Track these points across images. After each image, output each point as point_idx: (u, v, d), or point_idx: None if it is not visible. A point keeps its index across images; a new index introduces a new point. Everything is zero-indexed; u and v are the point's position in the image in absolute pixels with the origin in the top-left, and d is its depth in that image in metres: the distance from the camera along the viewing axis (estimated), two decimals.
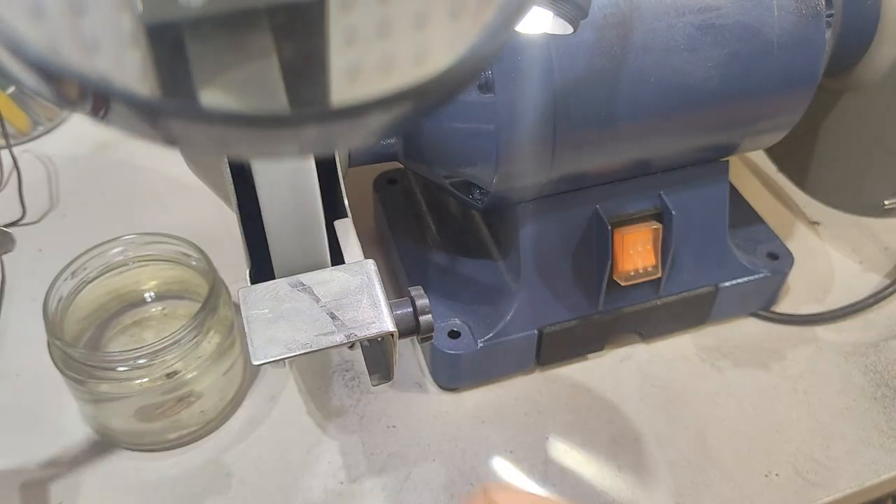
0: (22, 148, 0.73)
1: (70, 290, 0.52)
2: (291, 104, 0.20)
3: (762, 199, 0.71)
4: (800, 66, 0.49)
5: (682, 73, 0.47)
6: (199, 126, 0.19)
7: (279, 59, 0.20)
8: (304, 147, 0.22)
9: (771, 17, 0.48)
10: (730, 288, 0.57)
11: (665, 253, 0.54)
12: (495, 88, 0.44)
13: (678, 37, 0.46)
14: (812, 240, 0.68)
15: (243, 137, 0.20)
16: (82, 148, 0.74)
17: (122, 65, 0.19)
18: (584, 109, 0.46)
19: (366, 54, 0.21)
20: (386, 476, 0.50)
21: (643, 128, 0.49)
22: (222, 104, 0.19)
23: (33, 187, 0.69)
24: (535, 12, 0.37)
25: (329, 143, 0.23)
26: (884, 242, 0.68)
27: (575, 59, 0.45)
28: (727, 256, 0.57)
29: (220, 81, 0.20)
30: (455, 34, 0.21)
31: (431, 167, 0.51)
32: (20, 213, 0.67)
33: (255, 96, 0.20)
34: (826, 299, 0.63)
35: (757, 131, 0.53)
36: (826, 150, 0.63)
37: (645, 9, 0.46)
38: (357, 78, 0.20)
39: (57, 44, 0.18)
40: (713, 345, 0.59)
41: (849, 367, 0.58)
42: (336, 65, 0.20)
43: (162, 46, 0.19)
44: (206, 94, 0.19)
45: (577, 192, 0.53)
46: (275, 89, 0.20)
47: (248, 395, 0.55)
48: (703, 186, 0.55)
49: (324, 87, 0.20)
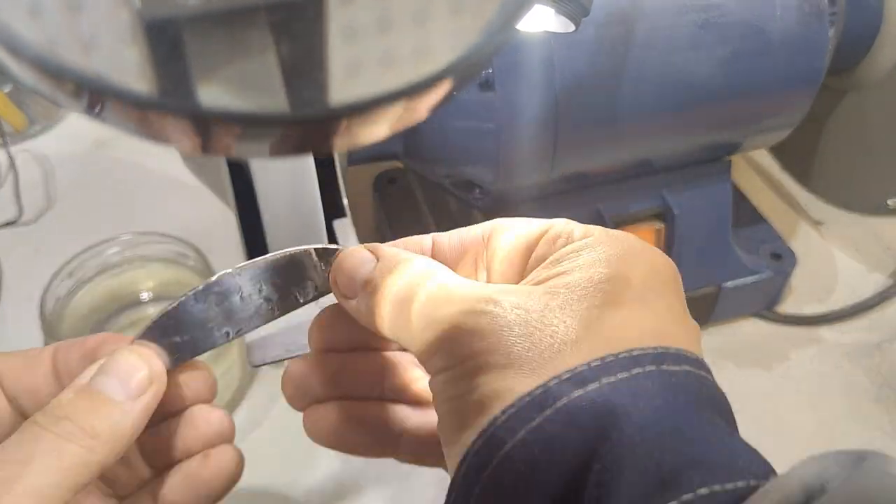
0: (19, 147, 0.72)
1: (67, 291, 0.52)
2: (290, 102, 0.19)
3: (765, 199, 0.71)
4: (802, 65, 0.49)
5: (685, 71, 0.47)
6: (197, 125, 0.18)
7: (278, 57, 0.20)
8: (302, 145, 0.21)
9: (773, 15, 0.47)
10: (732, 288, 0.57)
11: (667, 253, 0.53)
12: (496, 87, 0.44)
13: (680, 35, 0.46)
14: (815, 239, 0.67)
15: (241, 136, 0.19)
16: (79, 146, 0.74)
17: (120, 62, 0.19)
18: (585, 108, 0.46)
19: (365, 51, 0.20)
20: (385, 477, 0.50)
21: (645, 126, 0.49)
22: (220, 102, 0.19)
23: (30, 187, 0.69)
24: (536, 10, 0.36)
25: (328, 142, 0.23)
26: (887, 242, 0.67)
27: (576, 58, 0.45)
28: (730, 256, 0.57)
29: (218, 79, 0.19)
30: (456, 31, 0.21)
31: (432, 166, 0.51)
32: (17, 213, 0.66)
33: (253, 94, 0.20)
34: (829, 300, 0.62)
35: (759, 130, 0.52)
36: (830, 148, 0.62)
37: (647, 7, 0.45)
38: (357, 75, 0.20)
39: (54, 41, 0.18)
40: (715, 345, 0.59)
41: (852, 368, 0.58)
42: (335, 62, 0.20)
43: (159, 43, 0.19)
44: (203, 91, 0.19)
45: (578, 192, 0.52)
46: (273, 87, 0.20)
47: (247, 397, 0.54)
48: (705, 186, 0.55)
49: (323, 85, 0.20)
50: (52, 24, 0.18)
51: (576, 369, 0.23)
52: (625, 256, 0.26)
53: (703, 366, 0.25)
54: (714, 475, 0.21)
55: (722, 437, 0.22)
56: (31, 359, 0.31)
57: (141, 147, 0.72)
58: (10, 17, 0.17)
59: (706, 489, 0.20)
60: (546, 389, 0.22)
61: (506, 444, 0.22)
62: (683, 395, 0.23)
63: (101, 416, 0.27)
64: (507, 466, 0.22)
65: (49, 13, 0.18)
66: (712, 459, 0.21)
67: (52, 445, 0.26)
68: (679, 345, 0.24)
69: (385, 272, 0.27)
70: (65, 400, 0.27)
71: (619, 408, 0.22)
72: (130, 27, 0.19)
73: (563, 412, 0.22)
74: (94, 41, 0.18)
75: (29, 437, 0.27)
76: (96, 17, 0.18)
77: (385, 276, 0.27)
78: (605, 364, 0.23)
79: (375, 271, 0.28)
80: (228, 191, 0.40)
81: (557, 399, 0.22)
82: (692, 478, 0.20)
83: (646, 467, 0.21)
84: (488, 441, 0.23)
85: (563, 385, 0.22)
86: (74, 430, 0.27)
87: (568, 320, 0.24)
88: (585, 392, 0.22)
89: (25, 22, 0.18)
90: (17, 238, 0.64)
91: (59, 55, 0.18)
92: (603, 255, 0.26)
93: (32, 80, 0.18)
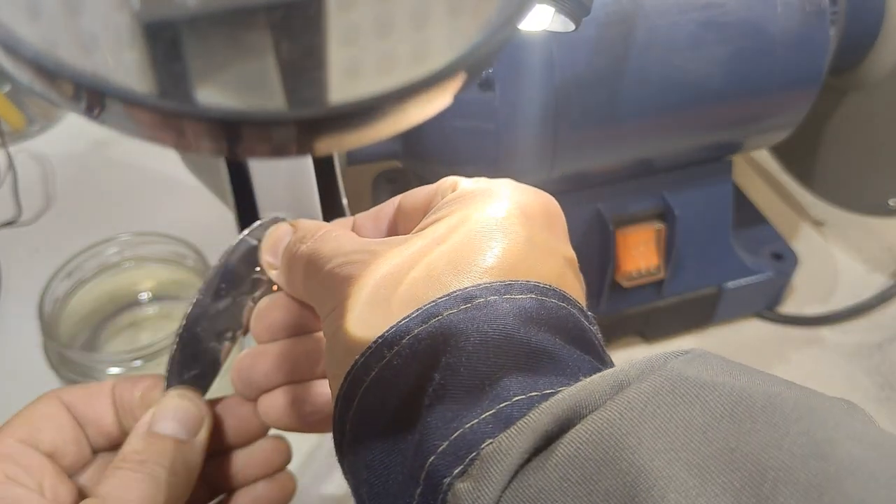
0: (18, 147, 0.72)
1: (66, 291, 0.51)
2: (289, 103, 0.19)
3: (766, 199, 0.70)
4: (803, 64, 0.49)
5: (685, 70, 0.47)
6: (196, 125, 0.18)
7: (277, 58, 0.19)
8: (301, 146, 0.21)
9: (774, 14, 0.47)
10: (733, 289, 0.57)
11: (668, 253, 0.53)
12: (496, 86, 0.44)
13: (681, 34, 0.46)
14: (816, 240, 0.67)
15: (240, 136, 0.19)
16: (78, 146, 0.74)
17: (119, 63, 0.19)
18: (585, 108, 0.46)
19: (365, 52, 0.20)
20: None
21: (645, 126, 0.48)
22: (219, 103, 0.19)
23: (29, 187, 0.69)
24: (536, 9, 0.36)
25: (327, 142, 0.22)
26: (888, 242, 0.67)
27: (576, 57, 0.44)
28: (731, 257, 0.57)
29: (217, 80, 0.19)
30: (456, 32, 0.21)
31: (431, 166, 0.51)
32: (16, 213, 0.66)
33: (252, 95, 0.20)
34: (830, 300, 0.62)
35: (760, 130, 0.52)
36: (831, 148, 0.62)
37: (648, 6, 0.45)
38: (356, 76, 0.20)
39: (53, 41, 0.18)
40: (717, 346, 0.59)
41: (853, 368, 0.57)
42: (335, 63, 0.20)
43: (159, 44, 0.19)
44: (202, 92, 0.19)
45: (578, 192, 0.52)
46: (272, 88, 0.20)
47: None
48: (706, 186, 0.55)
49: (322, 86, 0.20)
50: (51, 25, 0.18)
51: (423, 307, 0.25)
52: (493, 197, 0.28)
53: (555, 293, 0.26)
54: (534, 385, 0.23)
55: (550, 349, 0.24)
56: (94, 391, 0.34)
57: (140, 147, 0.72)
58: (10, 17, 0.17)
59: (523, 395, 0.23)
60: (396, 329, 0.25)
61: (364, 383, 0.25)
62: (518, 315, 0.24)
63: (175, 453, 0.31)
64: (364, 402, 0.25)
65: (48, 14, 0.18)
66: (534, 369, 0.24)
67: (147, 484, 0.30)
68: (537, 276, 0.26)
69: (297, 240, 0.31)
70: (139, 446, 0.31)
71: (454, 334, 0.24)
72: (129, 28, 0.18)
73: (407, 347, 0.24)
74: (94, 42, 0.18)
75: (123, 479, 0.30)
76: (95, 18, 0.18)
77: (297, 243, 0.31)
78: (451, 298, 0.25)
79: (291, 240, 0.31)
80: (228, 191, 0.40)
81: (405, 336, 0.24)
82: (510, 386, 0.23)
83: (470, 382, 0.23)
84: (351, 382, 0.25)
85: (411, 322, 0.25)
86: (158, 468, 0.30)
87: (426, 260, 0.26)
88: (426, 327, 0.24)
89: (25, 22, 0.18)
90: (16, 238, 0.64)
91: (59, 56, 0.17)
92: (473, 200, 0.28)
93: (31, 80, 0.18)
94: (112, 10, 0.19)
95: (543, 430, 0.22)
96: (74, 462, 0.33)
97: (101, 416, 0.34)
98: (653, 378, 0.22)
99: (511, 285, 0.25)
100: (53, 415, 0.33)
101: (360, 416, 0.25)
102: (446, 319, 0.24)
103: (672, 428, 0.20)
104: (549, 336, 0.25)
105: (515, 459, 0.21)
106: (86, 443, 0.34)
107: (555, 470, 0.21)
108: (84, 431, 0.33)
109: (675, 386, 0.21)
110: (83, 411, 0.33)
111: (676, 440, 0.19)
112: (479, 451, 0.22)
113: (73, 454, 0.33)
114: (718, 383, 0.21)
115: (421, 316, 0.25)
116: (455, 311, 0.24)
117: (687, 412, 0.20)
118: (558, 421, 0.22)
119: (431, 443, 0.23)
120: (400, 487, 0.24)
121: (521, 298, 0.25)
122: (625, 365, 0.23)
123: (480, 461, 0.22)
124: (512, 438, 0.22)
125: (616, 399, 0.21)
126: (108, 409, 0.34)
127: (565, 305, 0.26)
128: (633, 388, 0.22)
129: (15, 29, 0.17)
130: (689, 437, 0.20)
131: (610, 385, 0.22)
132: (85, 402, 0.34)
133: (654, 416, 0.20)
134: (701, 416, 0.20)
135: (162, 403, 0.32)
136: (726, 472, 0.18)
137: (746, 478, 0.18)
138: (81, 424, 0.33)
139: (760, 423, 0.19)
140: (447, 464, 0.23)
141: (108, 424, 0.34)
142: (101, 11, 0.19)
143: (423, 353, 0.24)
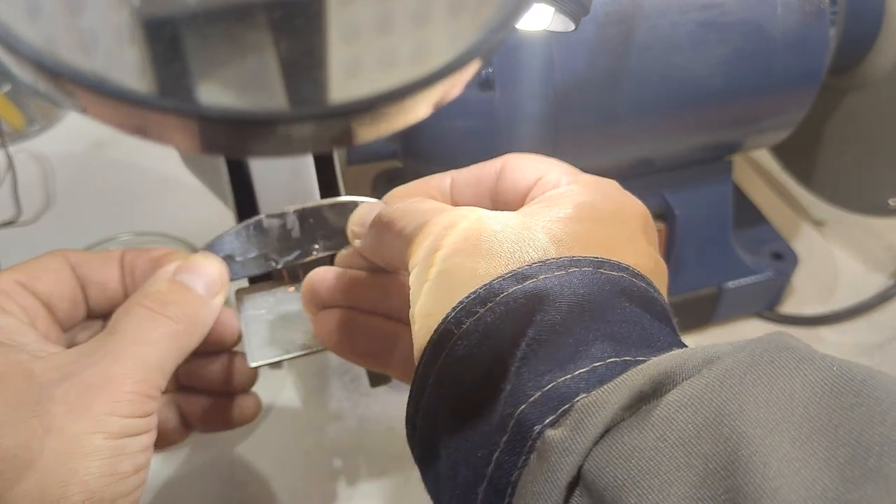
0: (17, 147, 0.72)
1: None
2: (290, 101, 0.19)
3: (766, 199, 0.71)
4: (803, 64, 0.49)
5: (685, 70, 0.47)
6: (196, 124, 0.18)
7: (277, 56, 0.20)
8: (301, 145, 0.21)
9: (774, 14, 0.47)
10: (733, 288, 0.57)
11: (668, 253, 0.53)
12: (495, 86, 0.44)
13: (681, 34, 0.46)
14: (817, 240, 0.67)
15: (240, 135, 0.19)
16: (78, 146, 0.74)
17: (119, 61, 0.19)
18: (585, 107, 0.46)
19: (365, 51, 0.20)
20: (385, 479, 0.50)
21: (645, 126, 0.48)
22: (220, 101, 0.19)
23: (29, 186, 0.69)
24: (536, 9, 0.36)
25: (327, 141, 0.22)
26: (889, 242, 0.67)
27: (576, 57, 0.45)
28: (731, 257, 0.57)
29: (217, 78, 0.19)
30: (455, 31, 0.21)
31: (431, 166, 0.51)
32: (16, 213, 0.66)
33: (252, 93, 0.20)
34: (831, 300, 0.62)
35: (760, 129, 0.52)
36: (831, 148, 0.62)
37: (647, 6, 0.45)
38: (356, 75, 0.20)
39: (53, 40, 0.18)
40: None
41: None
42: (335, 61, 0.20)
43: (158, 42, 0.19)
44: (203, 90, 0.19)
45: None
46: (273, 86, 0.20)
47: None
48: (706, 186, 0.55)
49: (322, 84, 0.20)
50: (51, 24, 0.18)
51: (518, 269, 0.26)
52: (598, 194, 0.30)
53: (644, 279, 0.27)
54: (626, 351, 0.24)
55: (640, 322, 0.25)
56: (103, 256, 0.35)
57: (140, 147, 0.72)
58: (10, 16, 0.17)
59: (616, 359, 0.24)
60: (489, 287, 0.25)
61: (454, 335, 0.25)
62: (611, 287, 0.26)
63: (196, 306, 0.32)
64: (453, 354, 0.25)
65: (48, 13, 0.18)
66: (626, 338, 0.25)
67: (167, 327, 0.30)
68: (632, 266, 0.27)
69: (388, 211, 0.32)
70: (163, 288, 0.31)
71: (549, 295, 0.25)
72: (129, 26, 0.18)
73: (501, 304, 0.25)
74: (93, 40, 0.18)
75: (145, 317, 0.30)
76: (95, 17, 0.18)
77: (389, 213, 0.32)
78: (546, 264, 0.26)
79: (381, 211, 0.32)
80: (227, 190, 0.40)
81: (498, 294, 0.25)
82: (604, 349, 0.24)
83: (564, 341, 0.24)
84: (441, 335, 0.26)
85: (505, 282, 0.25)
86: (181, 314, 0.31)
87: (525, 233, 0.27)
88: (522, 286, 0.25)
89: (25, 21, 0.18)
90: (15, 238, 0.64)
91: (59, 54, 0.17)
92: (578, 194, 0.29)
93: (32, 79, 0.18)
94: (112, 7, 0.19)
95: (639, 388, 0.22)
96: (64, 318, 0.33)
97: (107, 279, 0.34)
98: (750, 348, 0.22)
99: (604, 262, 0.26)
100: (55, 269, 0.33)
101: (448, 366, 0.26)
102: (541, 282, 0.25)
103: (774, 399, 0.20)
104: (641, 311, 0.26)
105: (610, 413, 0.22)
106: (82, 304, 0.34)
107: (652, 430, 0.21)
108: (84, 293, 0.34)
109: (774, 357, 0.21)
110: (87, 272, 0.34)
111: (778, 412, 0.20)
112: (574, 403, 0.23)
113: (66, 311, 0.33)
114: (816, 356, 0.21)
115: (517, 277, 0.25)
116: (550, 276, 0.25)
117: (787, 384, 0.20)
118: (654, 383, 0.22)
119: (524, 393, 0.24)
120: (483, 438, 0.24)
121: (614, 274, 0.26)
122: (714, 344, 0.24)
123: (574, 412, 0.22)
124: (608, 393, 0.22)
125: (714, 366, 0.22)
126: (115, 274, 0.34)
127: (653, 292, 0.27)
128: (730, 357, 0.22)
129: (15, 28, 0.17)
130: (791, 409, 0.20)
131: (702, 357, 0.22)
132: (91, 265, 0.34)
133: (755, 385, 0.21)
134: (801, 390, 0.20)
135: (190, 258, 0.33)
136: (830, 447, 0.18)
137: (850, 453, 0.18)
138: (84, 285, 0.34)
139: (863, 397, 0.19)
140: (539, 413, 0.23)
141: (112, 288, 0.34)
142: (101, 11, 0.19)
143: (518, 311, 0.25)
